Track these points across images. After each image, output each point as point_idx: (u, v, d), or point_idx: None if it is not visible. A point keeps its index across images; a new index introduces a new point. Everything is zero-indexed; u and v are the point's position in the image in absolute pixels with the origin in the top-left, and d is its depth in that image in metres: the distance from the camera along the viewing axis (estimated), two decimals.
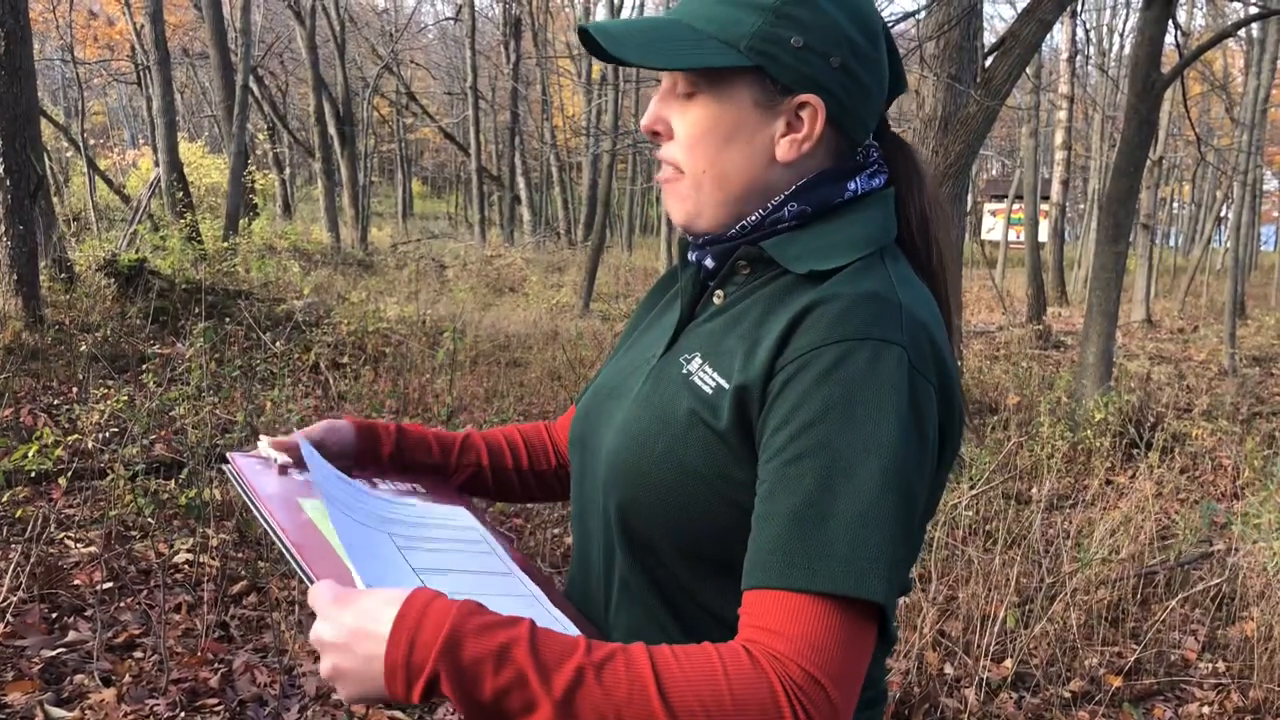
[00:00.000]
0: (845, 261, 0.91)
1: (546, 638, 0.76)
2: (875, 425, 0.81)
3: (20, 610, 3.27)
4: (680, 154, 0.96)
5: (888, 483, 0.80)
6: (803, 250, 0.93)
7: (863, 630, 0.79)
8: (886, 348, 0.84)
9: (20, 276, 7.12)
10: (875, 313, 0.85)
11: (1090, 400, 6.31)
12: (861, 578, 0.78)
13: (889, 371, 0.83)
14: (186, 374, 5.28)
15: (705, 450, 0.89)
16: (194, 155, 22.25)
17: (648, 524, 0.93)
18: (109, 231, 13.67)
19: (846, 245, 0.93)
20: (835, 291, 0.87)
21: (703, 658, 0.77)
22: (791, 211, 0.95)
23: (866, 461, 0.80)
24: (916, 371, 0.84)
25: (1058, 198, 18.09)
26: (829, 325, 0.85)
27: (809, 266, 0.91)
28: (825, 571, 0.78)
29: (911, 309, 0.88)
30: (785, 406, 0.84)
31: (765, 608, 0.79)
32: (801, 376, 0.84)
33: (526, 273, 15.83)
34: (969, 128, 6.27)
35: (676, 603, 0.95)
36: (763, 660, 0.76)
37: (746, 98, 0.93)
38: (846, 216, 0.95)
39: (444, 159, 46.24)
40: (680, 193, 0.97)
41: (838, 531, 0.79)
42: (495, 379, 7.33)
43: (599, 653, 0.76)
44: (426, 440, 1.21)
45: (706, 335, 0.96)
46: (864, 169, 0.98)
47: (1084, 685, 3.26)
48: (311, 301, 9.35)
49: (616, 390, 1.04)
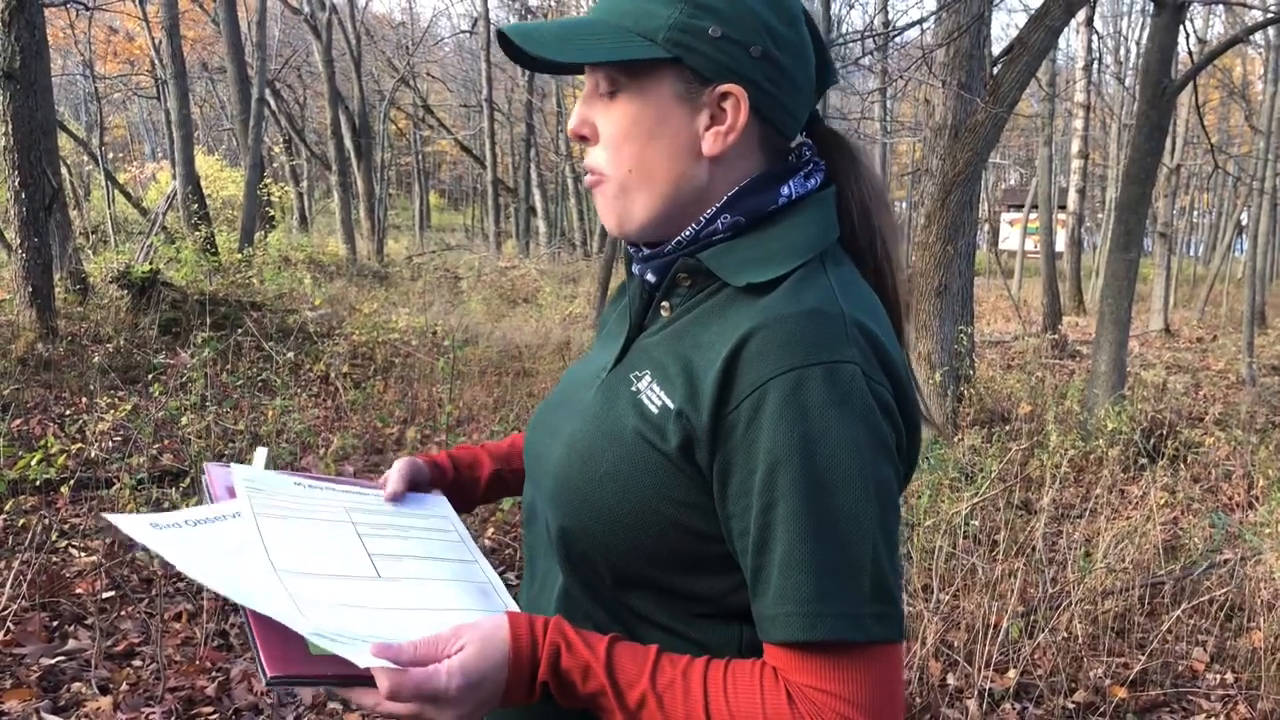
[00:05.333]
0: (783, 271, 0.89)
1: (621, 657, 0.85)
2: (846, 452, 0.81)
3: (21, 618, 3.29)
4: (604, 156, 0.94)
5: (867, 512, 0.81)
6: (740, 262, 0.91)
7: (885, 654, 0.82)
8: (839, 368, 0.82)
9: (35, 288, 7.19)
10: (820, 331, 0.83)
11: (1101, 409, 6.25)
12: (880, 621, 0.81)
13: (846, 392, 0.81)
14: (191, 384, 5.31)
15: (651, 470, 0.88)
16: (211, 168, 22.44)
17: (588, 537, 0.92)
18: (126, 244, 13.80)
19: (783, 254, 0.90)
20: (775, 314, 0.84)
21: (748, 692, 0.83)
22: (725, 223, 0.93)
23: (841, 493, 0.80)
24: (872, 382, 0.83)
25: (1074, 206, 17.97)
26: (776, 354, 0.82)
27: (746, 279, 0.89)
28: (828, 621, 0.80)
29: (855, 316, 0.86)
30: (750, 448, 0.82)
31: (793, 664, 0.81)
32: (760, 416, 0.82)
33: (540, 284, 15.85)
34: (977, 135, 6.24)
35: (619, 615, 0.94)
36: (800, 702, 0.81)
37: (667, 92, 0.91)
38: (782, 223, 0.93)
39: (461, 171, 46.45)
40: (607, 196, 0.95)
41: (831, 574, 0.80)
42: (504, 389, 7.34)
43: (663, 678, 0.84)
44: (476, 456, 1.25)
45: (655, 349, 0.94)
46: (797, 171, 0.95)
47: (1089, 696, 3.22)
48: (323, 313, 9.40)
49: (567, 402, 1.03)
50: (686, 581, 0.89)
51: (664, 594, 0.91)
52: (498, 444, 1.25)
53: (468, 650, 0.82)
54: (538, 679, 0.84)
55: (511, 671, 0.83)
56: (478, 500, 1.25)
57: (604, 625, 0.94)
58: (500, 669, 0.83)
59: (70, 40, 22.01)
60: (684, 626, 0.90)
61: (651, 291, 0.99)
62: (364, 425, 5.94)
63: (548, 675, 0.84)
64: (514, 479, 1.24)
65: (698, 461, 0.86)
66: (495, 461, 1.24)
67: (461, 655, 0.82)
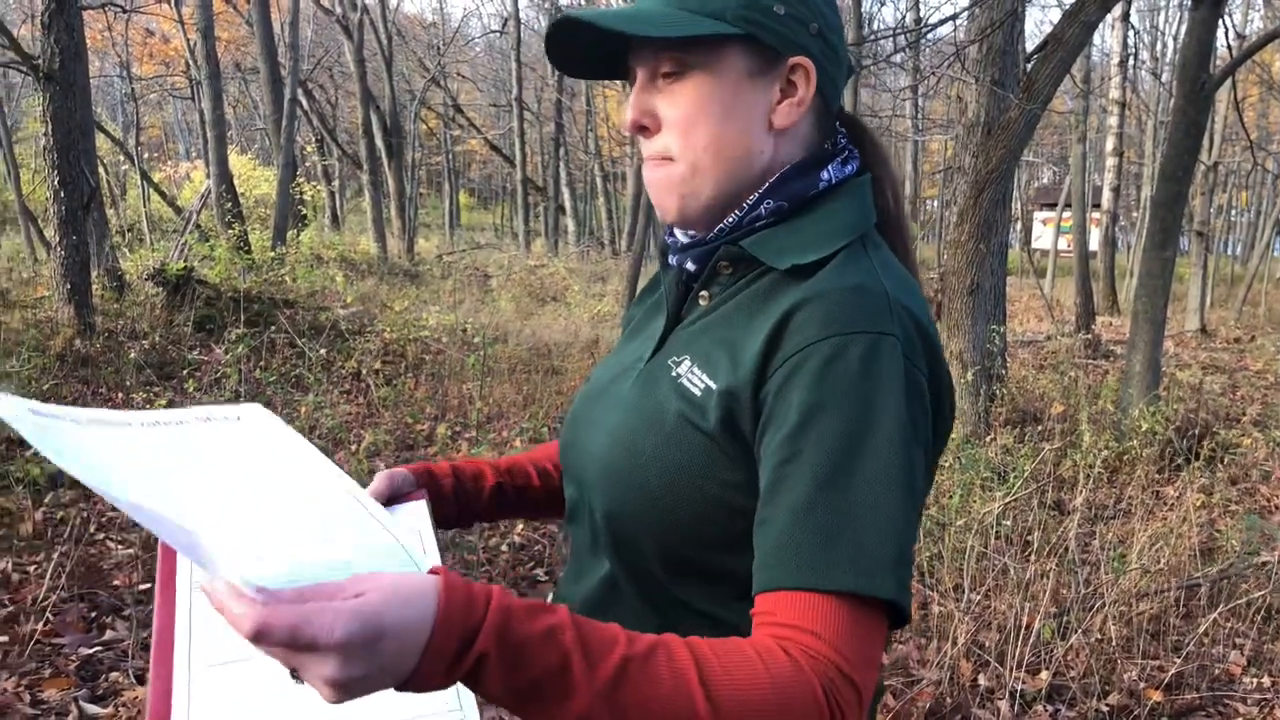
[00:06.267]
0: (827, 253, 0.91)
1: (588, 625, 0.73)
2: (874, 419, 0.81)
3: (60, 609, 3.34)
4: (673, 141, 0.95)
5: (891, 476, 0.80)
6: (783, 245, 0.93)
7: (879, 626, 0.80)
8: (880, 339, 0.83)
9: (73, 285, 7.29)
10: (864, 305, 0.85)
11: (1136, 409, 6.17)
12: (875, 576, 0.78)
13: (884, 364, 0.83)
14: (225, 380, 5.37)
15: (694, 452, 0.89)
16: (244, 167, 22.66)
17: (635, 526, 0.93)
18: (161, 242, 13.97)
19: (826, 236, 0.93)
20: (821, 288, 0.87)
21: (740, 655, 0.75)
22: (768, 208, 0.95)
23: (868, 456, 0.80)
24: (909, 360, 0.84)
25: (1109, 205, 17.75)
26: (820, 322, 0.84)
27: (790, 261, 0.91)
28: (841, 570, 0.78)
29: (898, 297, 0.87)
30: (782, 407, 0.83)
31: (785, 607, 0.78)
32: (796, 376, 0.83)
33: (569, 282, 15.89)
34: (1010, 132, 6.18)
35: (662, 604, 0.95)
36: (801, 658, 0.75)
37: (740, 67, 0.93)
38: (824, 207, 0.95)
39: (490, 171, 46.65)
40: (673, 181, 0.96)
41: (847, 529, 0.79)
42: (533, 386, 7.36)
43: (641, 644, 0.73)
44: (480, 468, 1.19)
45: (694, 337, 0.96)
46: (834, 157, 0.98)
47: (1123, 699, 3.18)
48: (355, 310, 9.47)
49: (604, 394, 1.04)
50: (734, 562, 0.89)
51: (710, 577, 0.92)
52: (497, 460, 1.24)
53: (370, 596, 0.65)
54: (473, 649, 0.67)
55: (437, 634, 0.66)
56: (481, 513, 1.18)
57: (643, 616, 0.95)
58: (418, 629, 0.66)
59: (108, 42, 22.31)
60: (728, 612, 0.90)
61: (690, 281, 1.01)
62: (395, 421, 5.98)
63: (490, 644, 0.67)
64: (516, 496, 1.21)
65: (742, 435, 0.87)
66: (497, 475, 1.20)
67: (360, 600, 0.65)
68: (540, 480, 1.23)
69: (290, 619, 0.63)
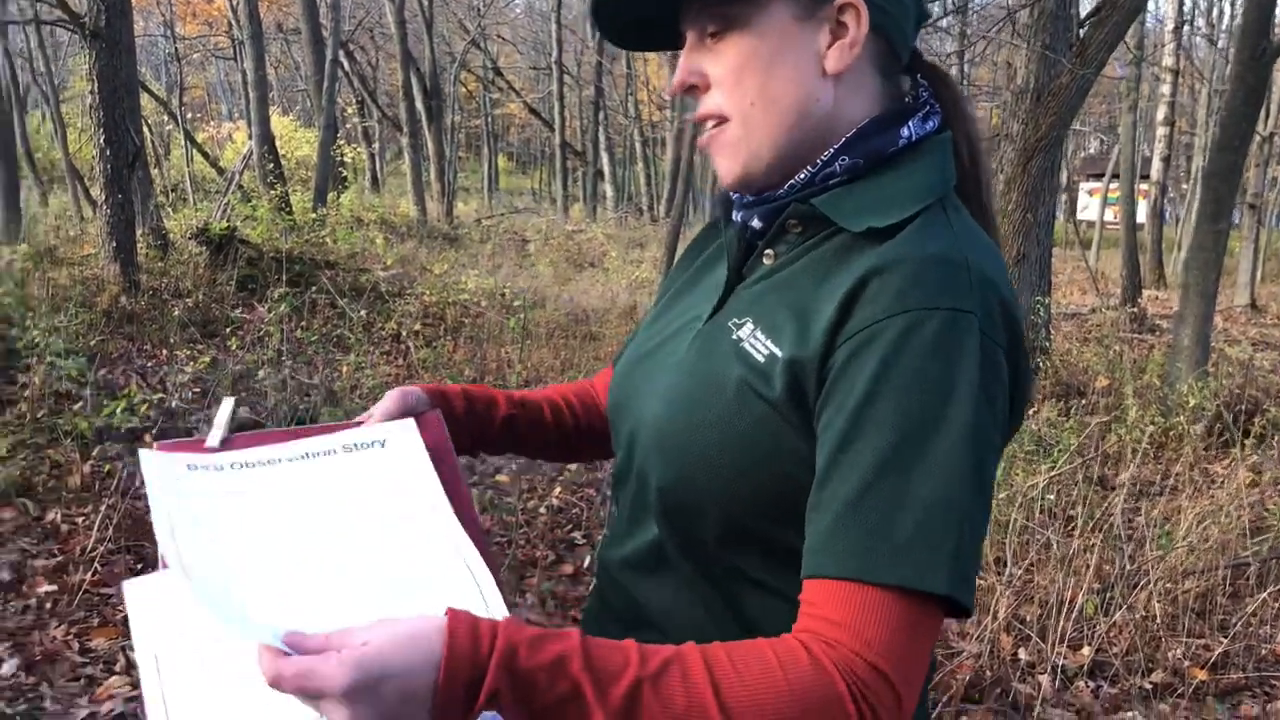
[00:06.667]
0: (905, 215, 0.86)
1: (599, 649, 0.71)
2: (947, 402, 0.76)
3: (108, 560, 3.40)
4: (723, 97, 0.91)
5: (958, 464, 0.75)
6: (858, 205, 0.88)
7: (929, 621, 0.75)
8: (958, 317, 0.78)
9: (118, 244, 7.38)
10: (944, 277, 0.80)
11: (1183, 384, 6.06)
12: (927, 569, 0.73)
13: (960, 343, 0.78)
14: (268, 338, 5.41)
15: (757, 421, 0.85)
16: (286, 129, 22.79)
17: (691, 495, 0.89)
18: (203, 202, 14.09)
19: (904, 198, 0.87)
20: (899, 255, 0.82)
21: (759, 660, 0.72)
22: (843, 165, 0.89)
23: (937, 441, 0.76)
24: (988, 339, 0.79)
25: (1158, 176, 17.37)
26: (895, 294, 0.79)
27: (866, 223, 0.86)
28: (890, 561, 0.73)
29: (980, 267, 0.82)
30: (848, 383, 0.79)
31: (827, 598, 0.75)
32: (866, 351, 0.79)
33: (607, 248, 15.84)
34: (1061, 99, 6.05)
35: (715, 573, 0.91)
36: (823, 657, 0.72)
37: (784, 14, 0.89)
38: (903, 166, 0.90)
39: (529, 135, 46.56)
40: (729, 141, 0.92)
41: (906, 518, 0.74)
42: (571, 351, 7.36)
43: (654, 662, 0.71)
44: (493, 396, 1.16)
45: (757, 299, 0.91)
46: (915, 112, 0.92)
47: (1167, 677, 3.14)
48: (395, 273, 9.51)
49: (656, 353, 1.00)
50: (794, 535, 0.84)
51: (768, 549, 0.88)
52: (511, 391, 1.20)
53: (375, 643, 0.67)
54: (484, 687, 0.67)
55: (444, 674, 0.67)
56: (492, 442, 1.15)
57: (693, 582, 0.92)
58: (422, 670, 0.67)
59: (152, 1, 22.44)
60: (791, 587, 0.85)
61: (754, 239, 0.96)
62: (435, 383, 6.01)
63: (499, 679, 0.68)
64: (528, 430, 1.16)
65: (807, 406, 0.83)
66: (510, 406, 1.15)
67: (365, 648, 0.67)
68: (553, 418, 1.19)
69: (297, 669, 0.67)
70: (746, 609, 0.90)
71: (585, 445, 1.22)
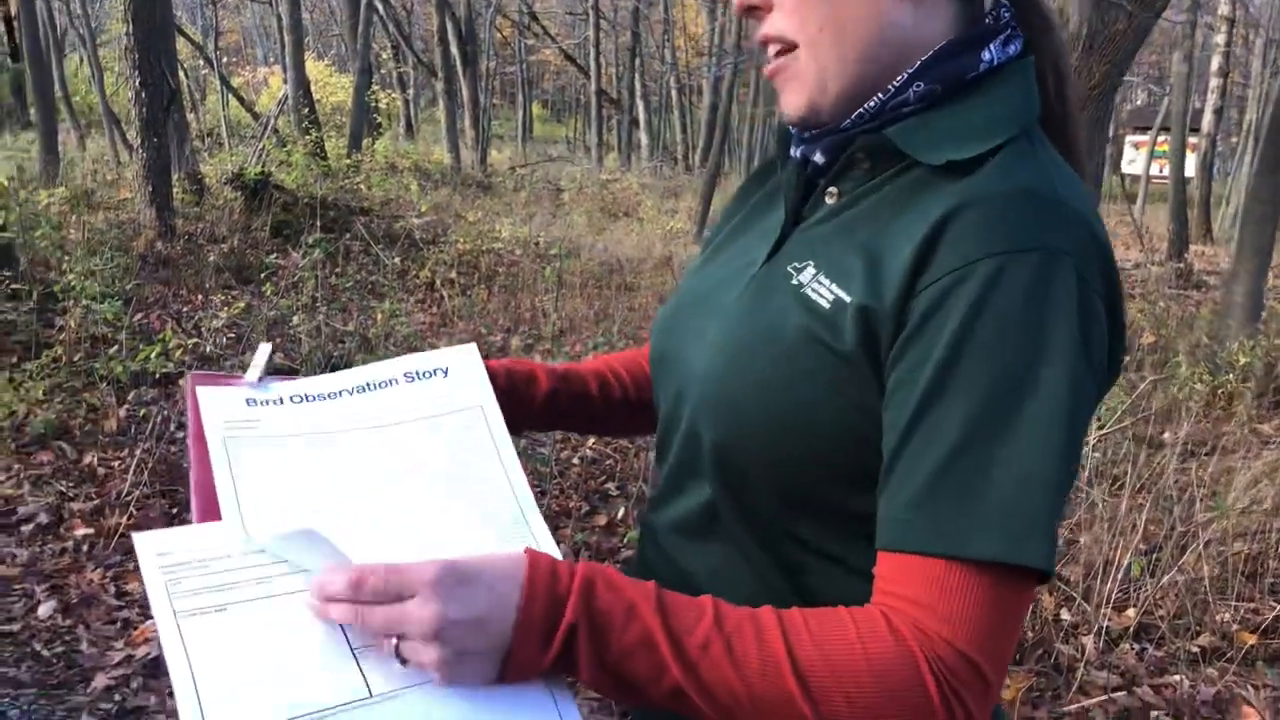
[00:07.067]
0: (987, 147, 0.77)
1: (675, 600, 0.69)
2: (1040, 356, 0.69)
3: (144, 504, 3.41)
4: (787, 21, 0.82)
5: (1054, 425, 0.68)
6: (935, 136, 0.79)
7: (1020, 597, 0.69)
8: (1054, 260, 0.70)
9: (154, 188, 7.38)
10: (1036, 215, 0.72)
11: (1234, 342, 5.89)
12: (1022, 541, 0.66)
13: (1056, 290, 0.70)
14: (302, 284, 5.39)
15: (821, 373, 0.76)
16: (321, 74, 22.70)
17: (746, 454, 0.81)
18: (239, 147, 14.09)
19: (987, 127, 0.78)
20: (984, 190, 0.73)
21: (838, 629, 0.68)
22: (918, 91, 0.80)
23: (1031, 402, 0.68)
24: (1085, 284, 0.71)
25: (1209, 129, 16.90)
26: (982, 234, 0.71)
27: (945, 156, 0.77)
28: (981, 535, 0.67)
29: (1074, 203, 0.74)
30: (930, 336, 0.71)
31: (906, 573, 0.69)
32: (950, 299, 0.70)
33: (641, 198, 15.67)
34: (1117, 46, 5.81)
35: (771, 537, 0.84)
36: (906, 634, 0.67)
37: None
38: (985, 93, 0.81)
39: (564, 82, 46.11)
40: (796, 71, 0.83)
41: (995, 485, 0.67)
42: (605, 301, 7.29)
43: (729, 621, 0.69)
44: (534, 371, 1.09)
45: (820, 240, 0.83)
46: (997, 34, 0.83)
47: (1214, 641, 3.07)
48: (429, 220, 9.46)
49: (706, 301, 0.91)
50: (858, 500, 0.77)
51: (832, 514, 0.80)
52: (553, 365, 1.12)
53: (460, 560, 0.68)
54: (563, 620, 0.66)
55: (524, 606, 0.66)
56: (535, 419, 1.08)
57: (748, 549, 0.85)
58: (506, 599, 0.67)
59: None
60: (854, 554, 0.79)
61: (815, 176, 0.88)
62: (469, 332, 5.98)
63: (579, 614, 0.67)
64: (571, 405, 1.09)
65: (879, 357, 0.75)
66: (552, 380, 1.08)
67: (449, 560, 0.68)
68: (599, 391, 1.11)
69: (384, 568, 0.67)
70: (805, 579, 0.83)
71: (634, 419, 1.14)
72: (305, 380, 0.95)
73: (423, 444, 0.90)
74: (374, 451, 0.88)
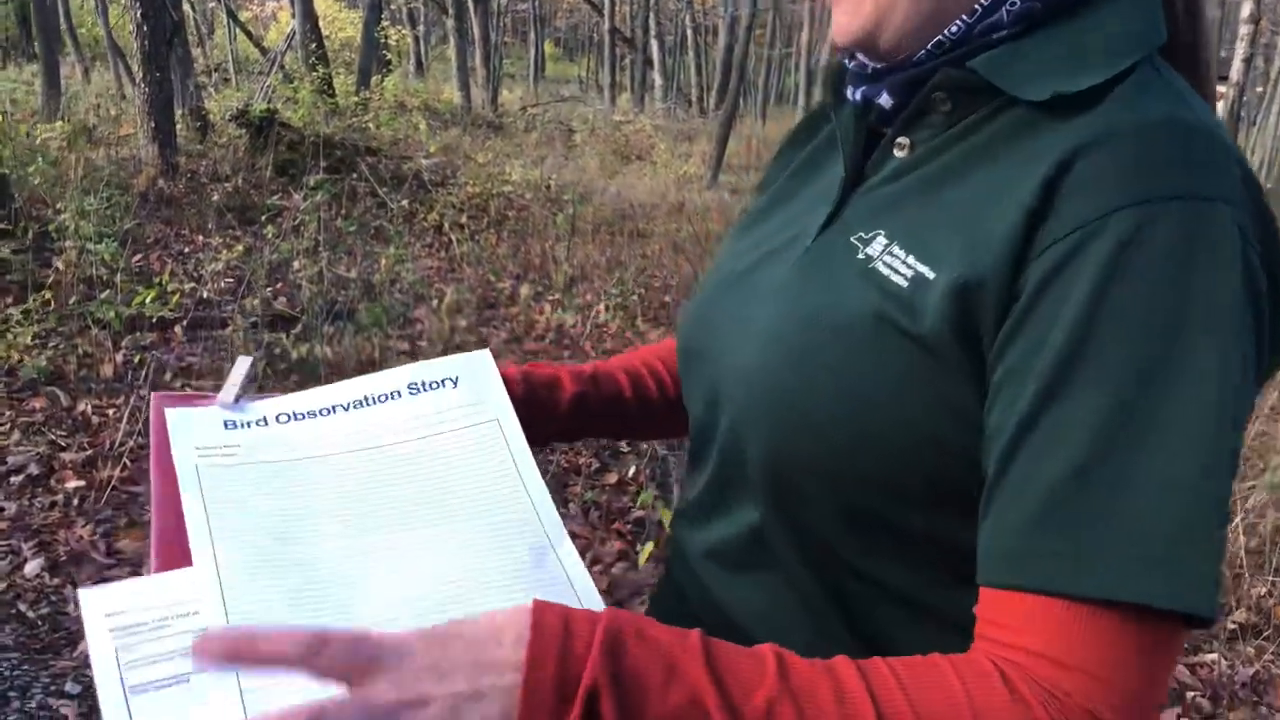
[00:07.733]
0: (1106, 76, 0.60)
1: (726, 653, 0.55)
2: (1196, 339, 0.53)
3: (137, 455, 3.29)
4: None
5: (1212, 426, 0.53)
6: (1037, 66, 0.62)
7: (1170, 647, 0.54)
8: (1207, 209, 0.54)
9: (156, 124, 7.19)
10: (1183, 151, 0.56)
11: None
12: (1174, 578, 0.51)
13: (1215, 249, 0.54)
14: (304, 226, 5.22)
15: (898, 366, 0.61)
16: (330, 9, 22.28)
17: (805, 469, 0.66)
18: (246, 83, 13.82)
19: (1104, 51, 0.61)
20: (1111, 126, 0.57)
21: (939, 685, 0.53)
22: (1012, 11, 0.64)
23: (1179, 394, 0.53)
24: (1249, 245, 0.55)
25: (1238, 77, 16.45)
26: (1113, 180, 0.55)
27: (1051, 89, 0.60)
28: (1119, 570, 0.52)
29: (1225, 139, 0.58)
30: (1048, 311, 0.56)
31: (1025, 620, 0.54)
32: (1074, 265, 0.55)
33: (655, 140, 15.35)
34: None
35: (830, 570, 0.68)
36: (1025, 692, 0.52)
37: None
38: (1096, 10, 0.63)
39: (577, 20, 45.33)
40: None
41: (1137, 504, 0.52)
42: (618, 248, 7.11)
43: (797, 677, 0.54)
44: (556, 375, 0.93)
45: (890, 203, 0.67)
46: None
47: (1250, 616, 2.96)
48: (438, 161, 9.24)
49: (747, 281, 0.75)
50: (942, 524, 0.62)
51: (904, 542, 0.65)
52: (578, 366, 0.96)
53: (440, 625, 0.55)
54: (583, 681, 0.52)
55: (531, 660, 0.52)
56: (559, 429, 0.93)
57: (801, 583, 0.69)
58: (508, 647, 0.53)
59: None
60: (927, 593, 0.64)
61: (881, 123, 0.71)
62: (477, 278, 5.82)
63: (600, 674, 0.52)
64: (603, 408, 0.94)
65: (978, 344, 0.59)
66: (578, 383, 0.92)
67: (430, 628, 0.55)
68: (633, 391, 0.95)
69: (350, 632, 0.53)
70: (871, 620, 0.68)
71: (674, 419, 0.96)
72: (292, 396, 0.81)
73: (431, 467, 0.76)
74: (374, 478, 0.75)
